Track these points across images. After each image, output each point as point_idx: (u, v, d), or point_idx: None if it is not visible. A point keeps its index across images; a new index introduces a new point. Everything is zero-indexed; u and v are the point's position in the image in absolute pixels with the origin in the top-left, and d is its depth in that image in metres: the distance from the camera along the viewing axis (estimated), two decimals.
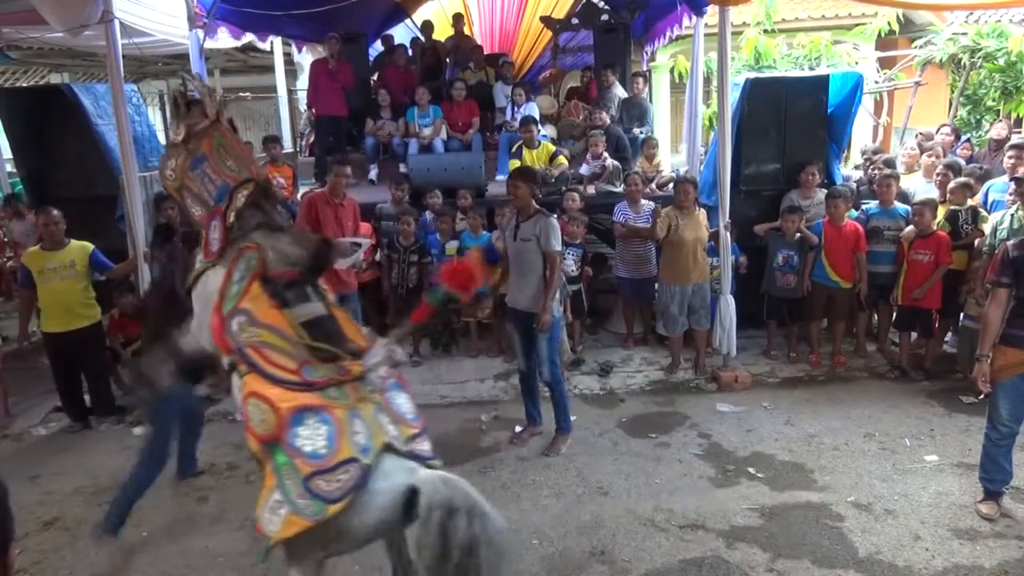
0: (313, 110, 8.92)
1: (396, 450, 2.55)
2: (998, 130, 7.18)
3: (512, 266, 4.64)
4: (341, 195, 5.63)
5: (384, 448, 2.51)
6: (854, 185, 6.86)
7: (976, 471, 4.00)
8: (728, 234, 5.68)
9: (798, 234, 5.83)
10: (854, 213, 6.04)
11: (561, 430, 4.82)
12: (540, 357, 4.63)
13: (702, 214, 5.80)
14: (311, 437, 2.43)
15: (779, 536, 3.75)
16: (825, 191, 5.99)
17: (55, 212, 5.14)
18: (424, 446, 2.66)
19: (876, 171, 6.51)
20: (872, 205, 6.04)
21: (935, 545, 3.63)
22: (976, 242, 5.43)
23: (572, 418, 5.17)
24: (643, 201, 6.26)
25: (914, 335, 5.89)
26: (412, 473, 2.50)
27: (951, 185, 5.73)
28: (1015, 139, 6.35)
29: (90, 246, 5.24)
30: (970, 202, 5.69)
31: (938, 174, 6.03)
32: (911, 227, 5.61)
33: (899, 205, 5.86)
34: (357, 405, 2.54)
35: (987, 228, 5.24)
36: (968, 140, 7.51)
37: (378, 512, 2.46)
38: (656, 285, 6.09)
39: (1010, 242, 3.75)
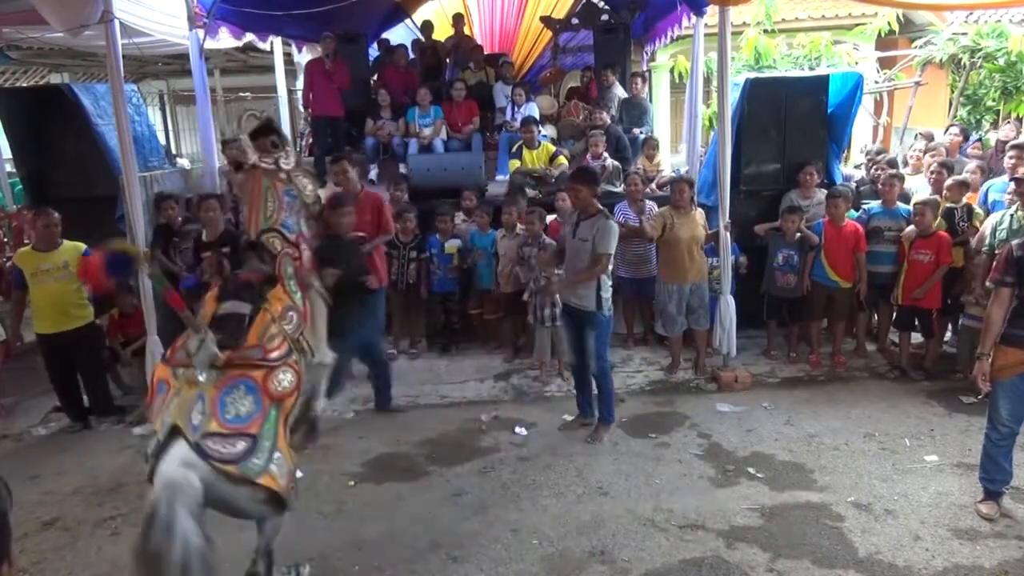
0: (309, 111, 8.89)
1: (187, 439, 2.69)
2: (1005, 131, 7.16)
3: (568, 262, 4.74)
4: (355, 192, 5.54)
5: (174, 431, 2.71)
6: (854, 185, 6.85)
7: (976, 471, 3.99)
8: (728, 234, 5.68)
9: (798, 234, 5.83)
10: (854, 213, 6.04)
11: (604, 420, 4.93)
12: (588, 351, 4.76)
13: (699, 213, 5.80)
14: (159, 404, 2.89)
15: (779, 536, 3.74)
16: (825, 191, 5.99)
17: (55, 214, 5.14)
18: (224, 448, 2.72)
19: (880, 171, 6.51)
20: (873, 205, 6.03)
21: (935, 545, 3.63)
22: (973, 241, 5.42)
23: (574, 415, 5.20)
24: (644, 201, 6.25)
25: (915, 335, 5.89)
26: (171, 466, 2.63)
27: (948, 182, 5.74)
28: (1016, 139, 6.35)
29: (82, 246, 5.22)
30: (965, 200, 5.69)
31: (932, 172, 6.03)
32: (912, 227, 5.61)
33: (900, 205, 5.85)
34: (184, 387, 2.84)
35: (986, 228, 5.23)
36: (980, 140, 7.48)
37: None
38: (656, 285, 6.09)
39: (1015, 242, 3.74)
